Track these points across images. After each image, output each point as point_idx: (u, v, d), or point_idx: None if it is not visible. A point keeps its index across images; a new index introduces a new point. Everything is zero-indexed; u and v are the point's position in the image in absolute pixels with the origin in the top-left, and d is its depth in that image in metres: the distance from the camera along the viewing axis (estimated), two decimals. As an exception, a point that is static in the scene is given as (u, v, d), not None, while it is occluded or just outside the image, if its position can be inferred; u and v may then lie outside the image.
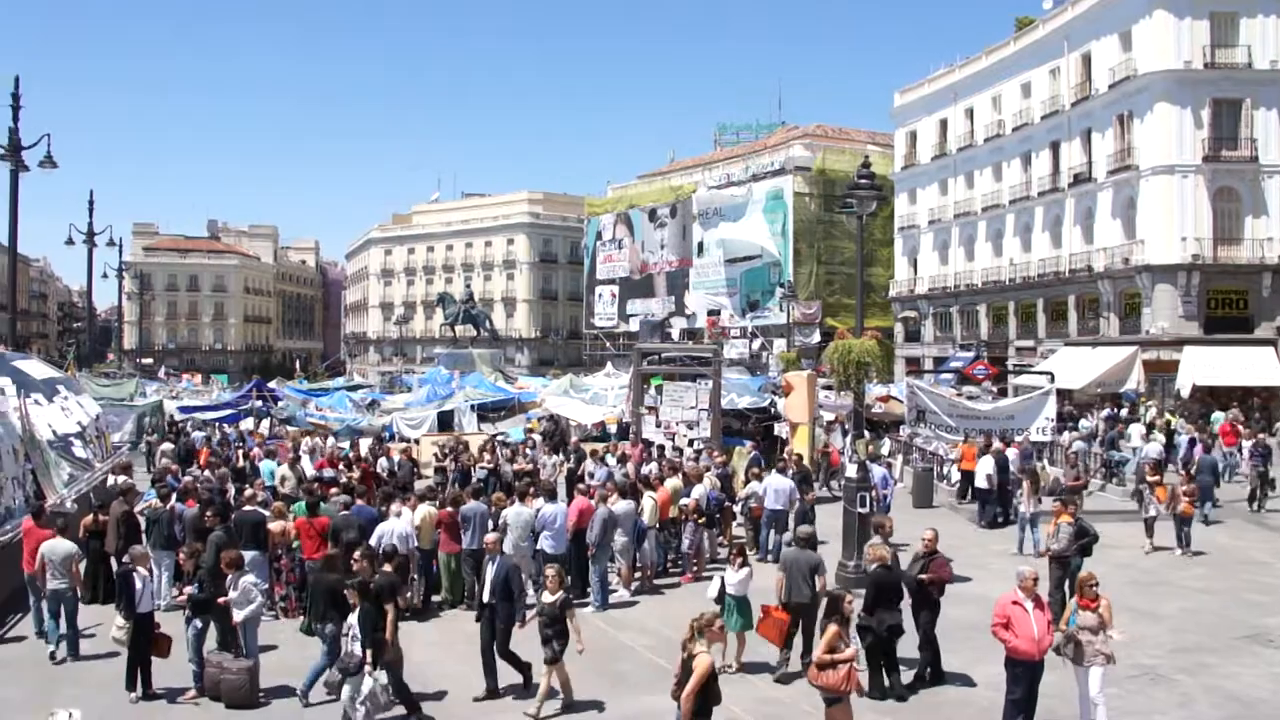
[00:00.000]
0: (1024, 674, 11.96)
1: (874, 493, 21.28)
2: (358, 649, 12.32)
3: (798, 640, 14.57)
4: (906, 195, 71.73)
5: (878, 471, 23.45)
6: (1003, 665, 12.18)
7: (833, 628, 11.53)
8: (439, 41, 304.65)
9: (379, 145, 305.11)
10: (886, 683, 13.89)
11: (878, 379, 31.82)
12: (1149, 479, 24.24)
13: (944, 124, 67.93)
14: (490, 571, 14.05)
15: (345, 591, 12.94)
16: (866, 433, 26.70)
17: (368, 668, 12.21)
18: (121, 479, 22.01)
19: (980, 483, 26.92)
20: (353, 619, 12.52)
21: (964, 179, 65.72)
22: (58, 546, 15.53)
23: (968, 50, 67.66)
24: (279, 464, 26.12)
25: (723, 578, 14.69)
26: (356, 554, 13.98)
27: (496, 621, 13.98)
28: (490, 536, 14.91)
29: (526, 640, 13.78)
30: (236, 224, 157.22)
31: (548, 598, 13.25)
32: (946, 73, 67.96)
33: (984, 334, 62.67)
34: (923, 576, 14.34)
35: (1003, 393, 44.05)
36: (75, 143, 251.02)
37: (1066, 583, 16.68)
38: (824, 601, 12.58)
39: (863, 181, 23.07)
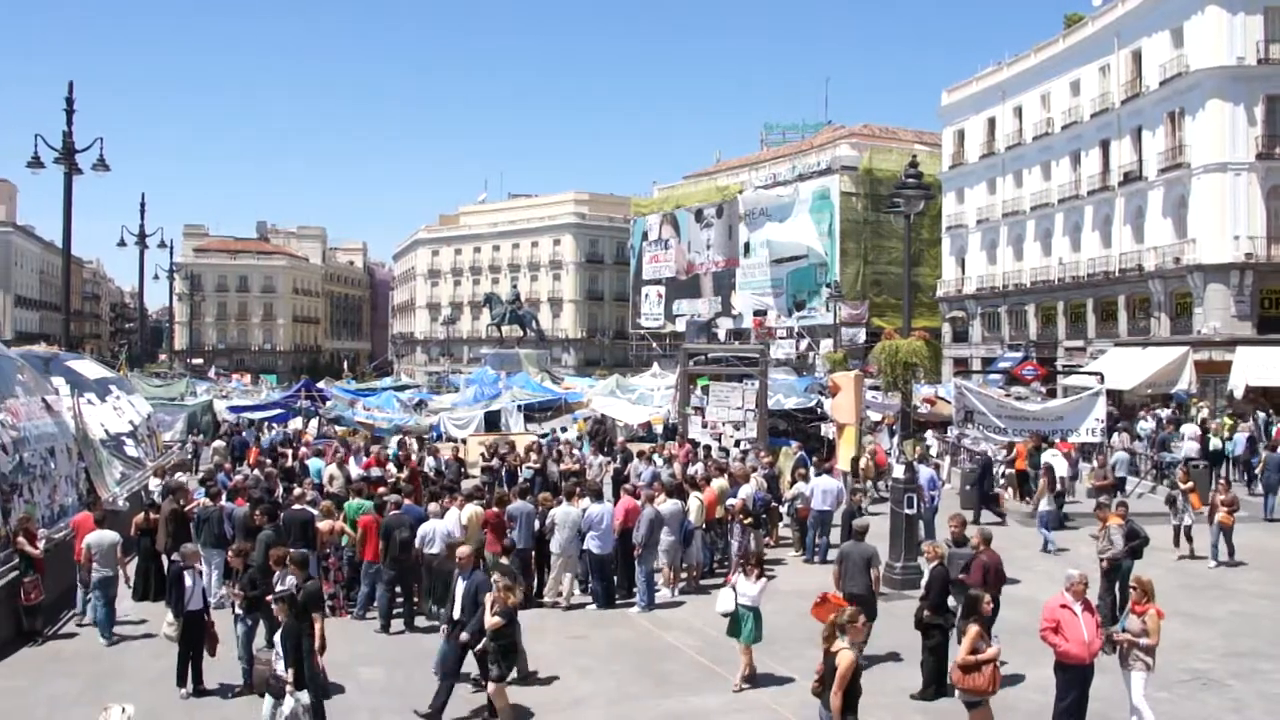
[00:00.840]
0: (1075, 678, 11.83)
1: (921, 494, 21.20)
2: (280, 667, 11.80)
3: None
4: (954, 195, 71.23)
5: (925, 473, 23.33)
6: (1051, 669, 12.08)
7: (974, 629, 11.42)
8: (486, 42, 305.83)
9: (426, 146, 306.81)
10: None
11: (925, 379, 31.82)
12: (1181, 485, 23.38)
13: (992, 123, 67.40)
14: (460, 587, 13.20)
15: (274, 606, 12.51)
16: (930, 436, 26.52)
17: (289, 687, 11.65)
18: (171, 478, 22.23)
19: (1061, 470, 26.82)
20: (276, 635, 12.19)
21: (1012, 178, 65.16)
22: (103, 537, 16.59)
23: (1016, 48, 67.13)
24: (327, 464, 26.35)
25: (735, 588, 14.08)
26: (288, 560, 13.47)
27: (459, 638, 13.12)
28: (463, 550, 13.70)
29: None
30: (285, 225, 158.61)
31: (489, 619, 12.22)
32: (994, 71, 67.42)
33: (1032, 334, 62.10)
34: (961, 576, 14.39)
35: (1051, 393, 43.64)
36: (127, 145, 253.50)
37: (1117, 585, 16.55)
38: (961, 602, 12.92)
39: (910, 181, 23.04)
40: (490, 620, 12.32)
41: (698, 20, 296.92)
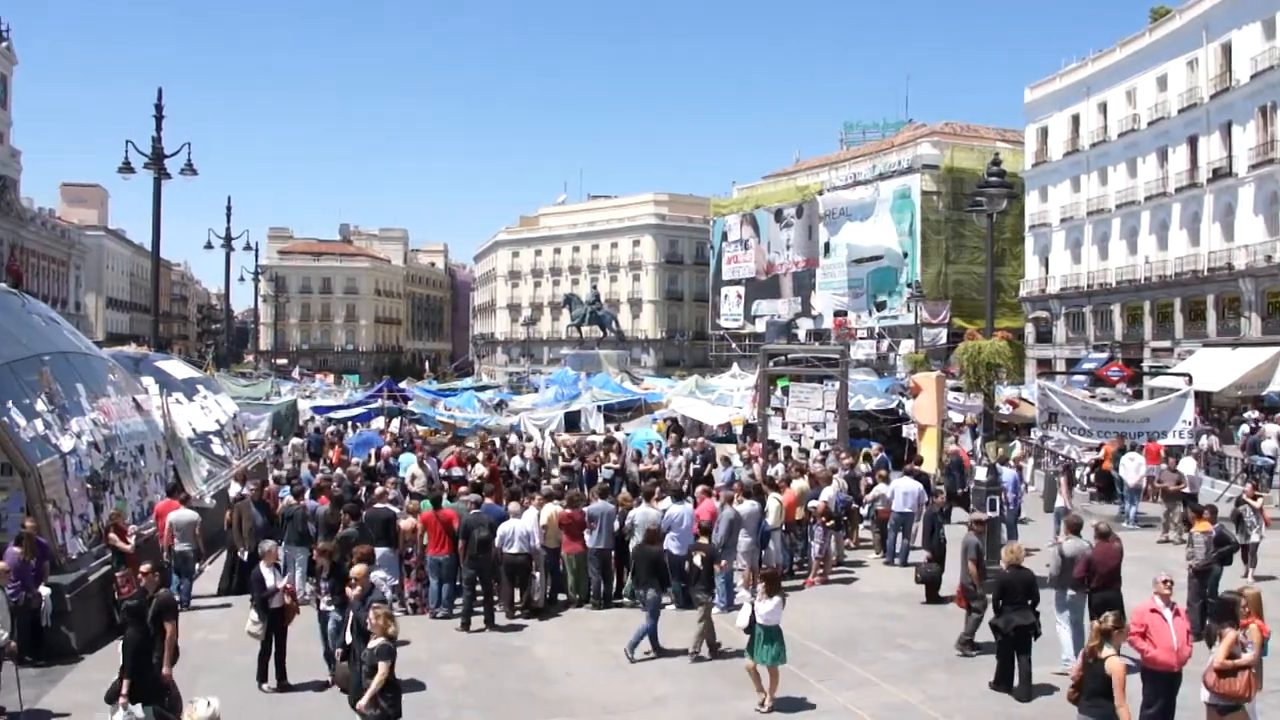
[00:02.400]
0: (1162, 685, 11.59)
1: (1003, 496, 20.97)
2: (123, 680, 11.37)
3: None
4: (1037, 193, 70.36)
5: (1008, 475, 23.07)
6: (1139, 676, 11.88)
7: (1230, 633, 11.15)
8: (566, 44, 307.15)
9: (506, 148, 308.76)
10: (1016, 682, 13.89)
11: (1008, 381, 31.32)
12: (1247, 499, 21.12)
13: (1076, 119, 66.49)
14: (353, 614, 12.80)
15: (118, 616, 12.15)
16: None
17: (123, 699, 11.12)
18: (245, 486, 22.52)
19: (1130, 480, 26.46)
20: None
21: (1097, 175, 64.23)
22: (182, 515, 18.29)
23: (1101, 43, 66.15)
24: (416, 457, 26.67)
25: (753, 606, 13.46)
26: (144, 568, 13.09)
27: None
28: (357, 570, 13.34)
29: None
30: (368, 228, 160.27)
31: (373, 642, 11.15)
32: (1079, 66, 66.49)
33: (1118, 335, 61.13)
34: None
35: (1138, 395, 42.98)
36: (214, 148, 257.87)
37: (1207, 591, 16.24)
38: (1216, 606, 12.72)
39: (993, 179, 22.72)
40: (373, 643, 11.09)
41: (778, 20, 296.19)
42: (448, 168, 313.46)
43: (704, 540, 16.87)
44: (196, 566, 18.71)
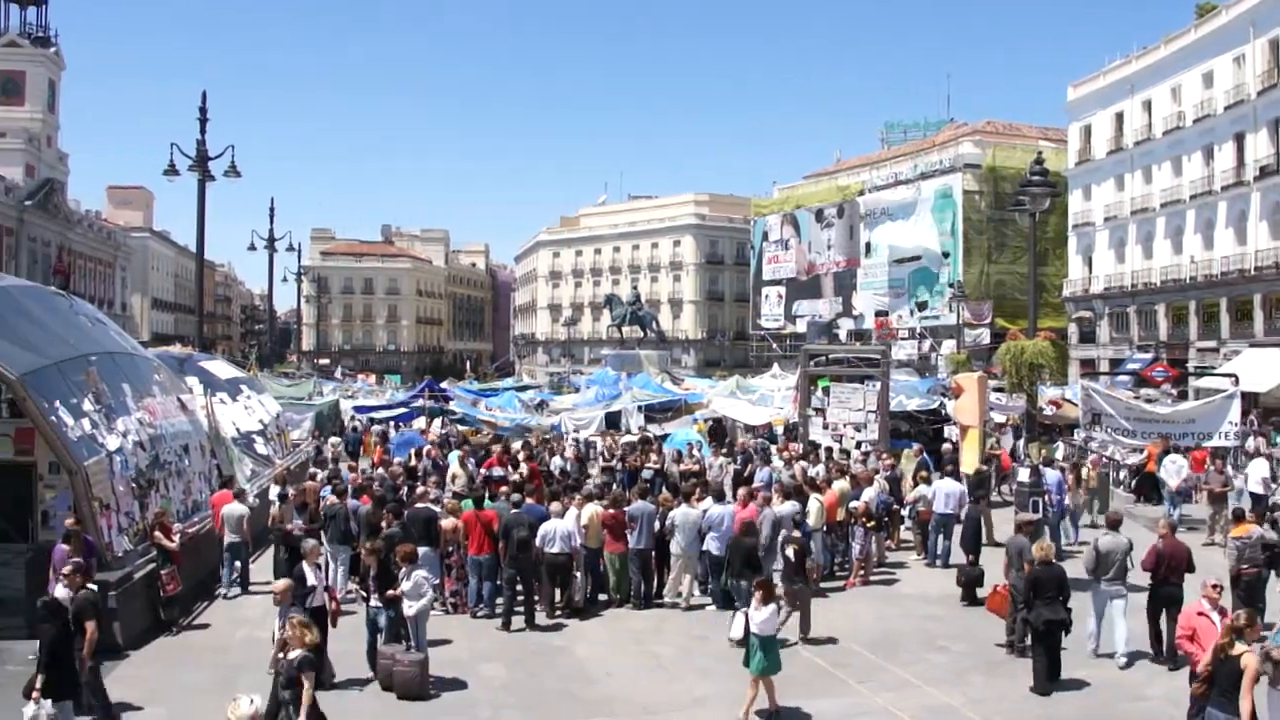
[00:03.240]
0: (1208, 689, 11.50)
1: (1047, 497, 20.85)
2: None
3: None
4: (1081, 192, 69.83)
5: (1052, 476, 22.92)
6: (1185, 679, 11.79)
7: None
8: (606, 45, 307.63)
9: (547, 149, 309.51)
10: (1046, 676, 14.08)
11: (1051, 381, 31.16)
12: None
13: (1120, 117, 65.90)
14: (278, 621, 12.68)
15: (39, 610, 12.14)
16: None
17: (35, 694, 11.01)
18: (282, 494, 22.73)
19: (1171, 482, 26.25)
20: None
21: (1141, 174, 63.62)
22: (233, 509, 19.20)
23: (1145, 40, 65.69)
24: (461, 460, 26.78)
25: (746, 615, 13.15)
26: (66, 570, 13.09)
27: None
28: (279, 584, 13.30)
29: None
30: (409, 228, 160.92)
31: (292, 653, 10.66)
32: (1123, 64, 65.92)
33: (1163, 335, 60.54)
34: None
35: (1183, 396, 42.56)
36: (257, 149, 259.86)
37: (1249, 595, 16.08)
38: None
39: (1035, 178, 22.70)
40: (294, 654, 10.60)
41: (818, 19, 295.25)
42: (489, 168, 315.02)
43: (796, 533, 17.29)
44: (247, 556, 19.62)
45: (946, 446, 28.54)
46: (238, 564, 19.33)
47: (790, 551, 16.51)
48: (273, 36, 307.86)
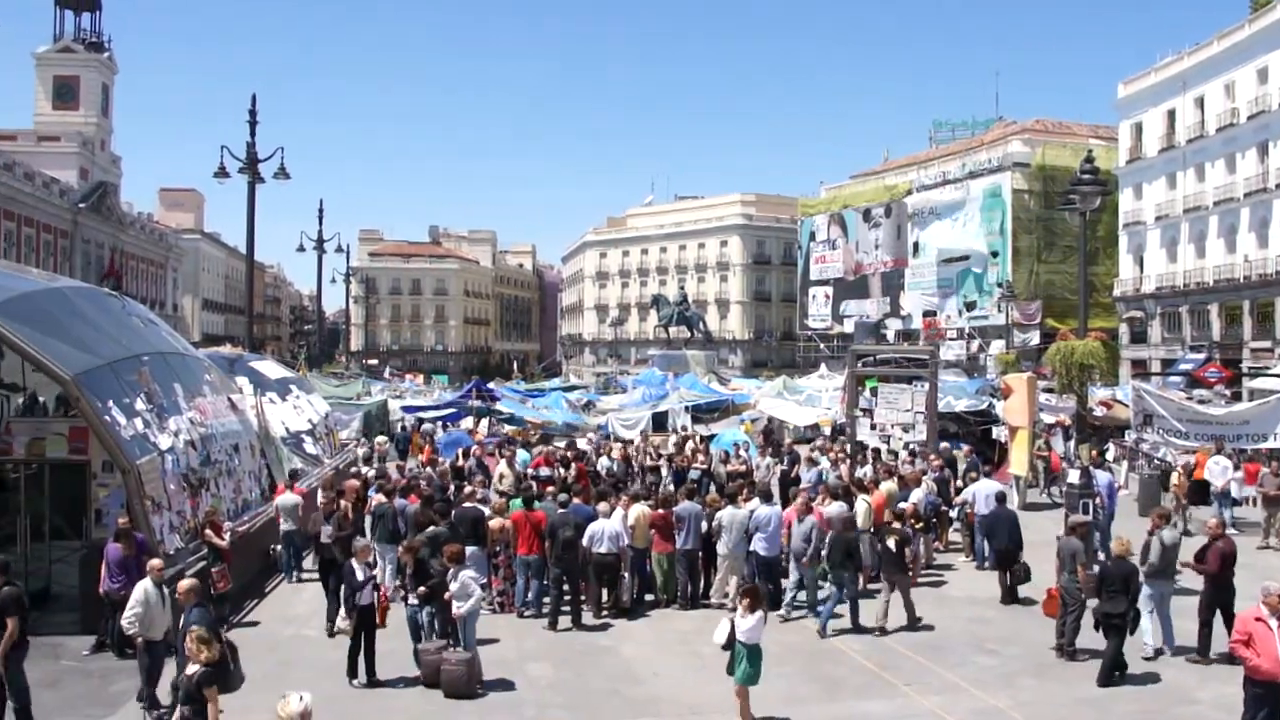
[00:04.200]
0: (1265, 696, 11.27)
1: (1098, 499, 20.65)
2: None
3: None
4: (1132, 190, 69.15)
5: (1104, 478, 22.70)
6: (1240, 686, 11.63)
7: None
8: (653, 45, 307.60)
9: (594, 149, 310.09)
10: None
11: (1101, 381, 30.86)
12: None
13: (1172, 114, 65.20)
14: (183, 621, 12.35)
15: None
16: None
17: None
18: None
19: (1216, 483, 25.93)
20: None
21: (1194, 172, 62.92)
22: (287, 498, 20.26)
23: (1197, 36, 64.86)
24: (499, 461, 26.86)
25: (732, 622, 12.79)
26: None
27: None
28: (182, 585, 12.62)
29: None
30: (457, 229, 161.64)
31: (190, 668, 10.13)
32: (1174, 60, 65.21)
33: (1216, 335, 59.80)
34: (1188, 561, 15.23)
35: (1237, 397, 42.04)
36: (307, 151, 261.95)
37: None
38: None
39: (1086, 177, 22.49)
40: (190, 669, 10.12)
41: (866, 18, 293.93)
42: (536, 169, 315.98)
43: (896, 525, 18.07)
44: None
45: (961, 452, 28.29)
46: (287, 552, 20.20)
47: (891, 542, 17.20)
48: (320, 38, 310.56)
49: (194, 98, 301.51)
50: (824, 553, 17.44)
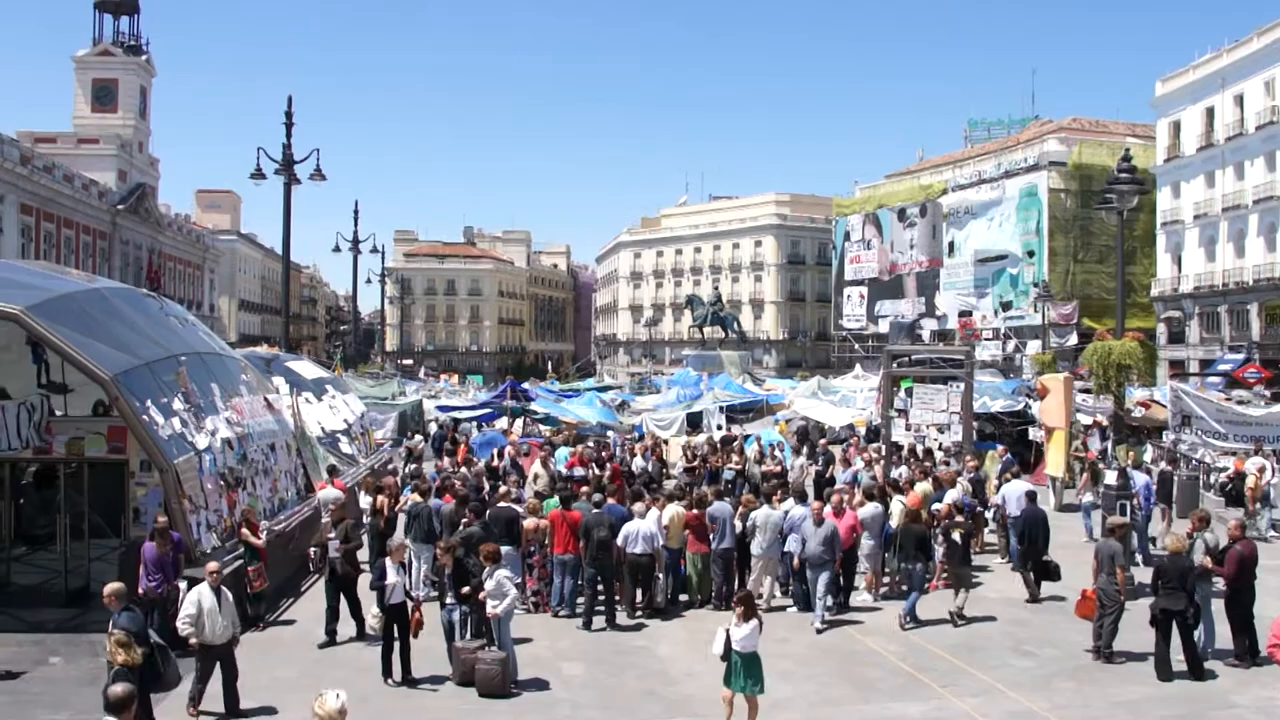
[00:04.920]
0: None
1: (1135, 500, 20.49)
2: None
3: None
4: (1170, 189, 68.58)
5: (1140, 479, 22.53)
6: (1276, 688, 11.53)
7: None
8: (685, 45, 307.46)
9: (628, 149, 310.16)
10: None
11: (1139, 382, 30.61)
12: None
13: (1210, 112, 64.62)
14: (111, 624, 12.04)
15: None
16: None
17: None
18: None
19: (1250, 482, 25.67)
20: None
21: (1233, 170, 62.35)
22: (328, 493, 20.92)
23: (1236, 33, 64.08)
24: (533, 461, 26.91)
25: (728, 632, 12.48)
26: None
27: None
28: (109, 588, 12.39)
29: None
30: (491, 230, 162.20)
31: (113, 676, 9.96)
32: (1213, 58, 64.63)
33: (1255, 335, 59.22)
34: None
35: (1276, 398, 41.63)
36: (342, 152, 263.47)
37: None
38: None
39: (1123, 175, 22.35)
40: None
41: (898, 17, 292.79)
42: (570, 170, 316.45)
43: (960, 518, 18.58)
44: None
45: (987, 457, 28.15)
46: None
47: (956, 535, 17.77)
48: (356, 40, 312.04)
49: (230, 100, 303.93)
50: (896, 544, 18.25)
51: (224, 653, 12.90)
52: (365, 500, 21.84)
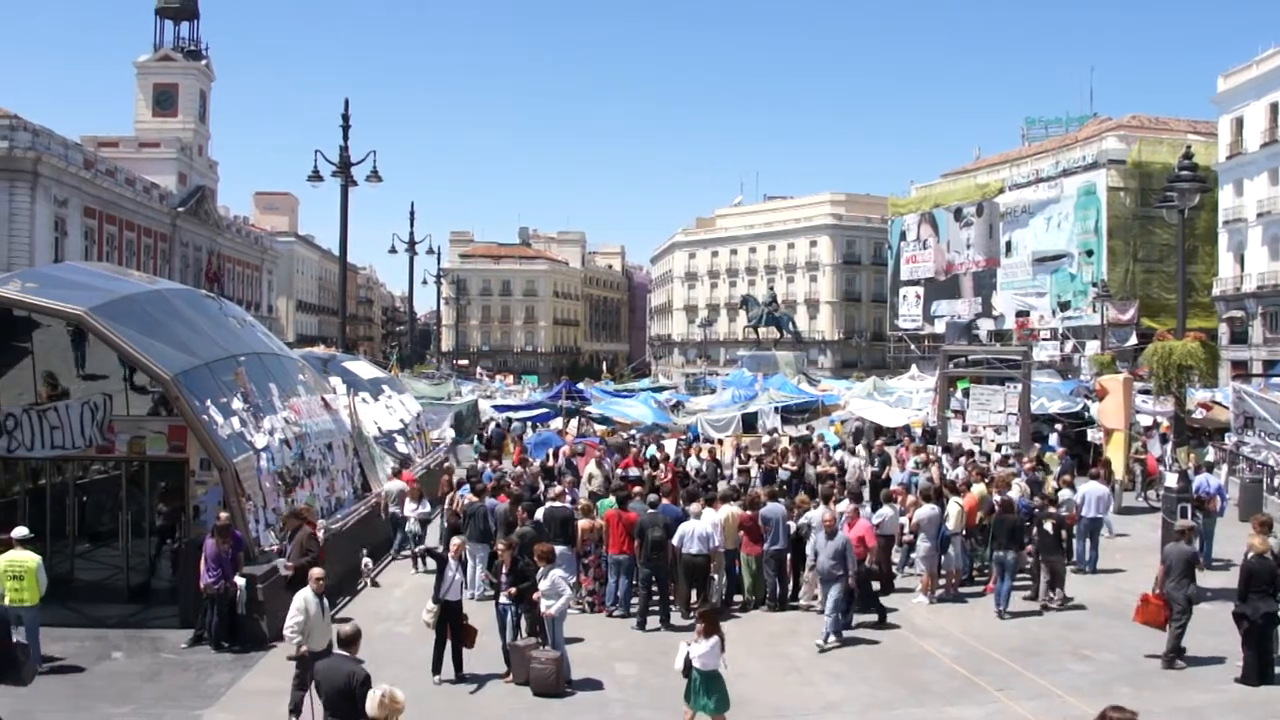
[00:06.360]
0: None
1: (1210, 503, 20.32)
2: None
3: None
4: (1232, 186, 67.60)
5: (1213, 482, 22.35)
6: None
7: None
8: (744, 44, 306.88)
9: (683, 150, 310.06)
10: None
11: (1200, 383, 30.08)
12: None
13: (1274, 108, 63.61)
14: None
15: None
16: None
17: None
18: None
19: None
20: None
21: (1298, 167, 61.34)
22: (393, 485, 22.55)
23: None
24: (585, 463, 26.94)
25: (688, 648, 12.04)
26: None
27: None
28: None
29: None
30: (546, 231, 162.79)
31: None
32: (1276, 53, 63.60)
33: (1321, 335, 58.34)
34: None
35: (1342, 398, 40.93)
36: (399, 153, 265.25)
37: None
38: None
39: (1184, 173, 21.99)
40: None
41: (956, 14, 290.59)
42: (625, 171, 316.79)
43: (1052, 509, 19.24)
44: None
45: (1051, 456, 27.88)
46: (399, 533, 22.22)
47: (1049, 525, 18.36)
48: (413, 41, 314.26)
49: (288, 103, 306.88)
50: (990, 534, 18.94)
51: (319, 657, 12.98)
52: (410, 506, 21.91)
